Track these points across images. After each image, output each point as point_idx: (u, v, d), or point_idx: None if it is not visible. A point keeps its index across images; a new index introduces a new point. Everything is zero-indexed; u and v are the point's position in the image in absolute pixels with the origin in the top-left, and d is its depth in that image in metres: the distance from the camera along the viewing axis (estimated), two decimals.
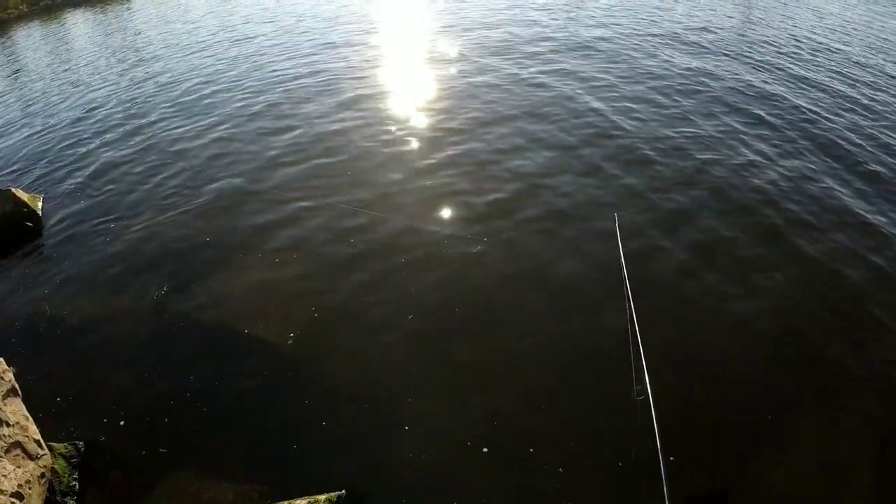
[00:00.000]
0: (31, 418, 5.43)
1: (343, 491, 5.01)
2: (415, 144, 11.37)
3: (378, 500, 5.05)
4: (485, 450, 5.31)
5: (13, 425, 5.12)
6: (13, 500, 4.62)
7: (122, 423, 6.02)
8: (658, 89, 13.10)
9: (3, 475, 4.69)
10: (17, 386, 5.50)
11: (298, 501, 4.87)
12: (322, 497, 4.91)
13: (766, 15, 19.93)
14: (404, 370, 6.20)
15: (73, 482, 5.39)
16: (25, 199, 10.13)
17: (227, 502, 5.13)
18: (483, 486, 5.05)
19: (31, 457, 5.07)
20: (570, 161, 10.12)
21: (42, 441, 5.32)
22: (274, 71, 16.83)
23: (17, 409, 5.33)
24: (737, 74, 13.97)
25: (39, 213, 10.35)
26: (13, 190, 10.07)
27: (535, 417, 5.62)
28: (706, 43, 16.54)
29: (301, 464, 5.42)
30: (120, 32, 26.22)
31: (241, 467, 5.44)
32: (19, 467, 4.88)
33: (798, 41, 16.80)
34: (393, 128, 12.13)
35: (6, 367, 5.51)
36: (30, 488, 4.84)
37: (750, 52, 15.71)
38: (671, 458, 4.48)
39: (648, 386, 4.55)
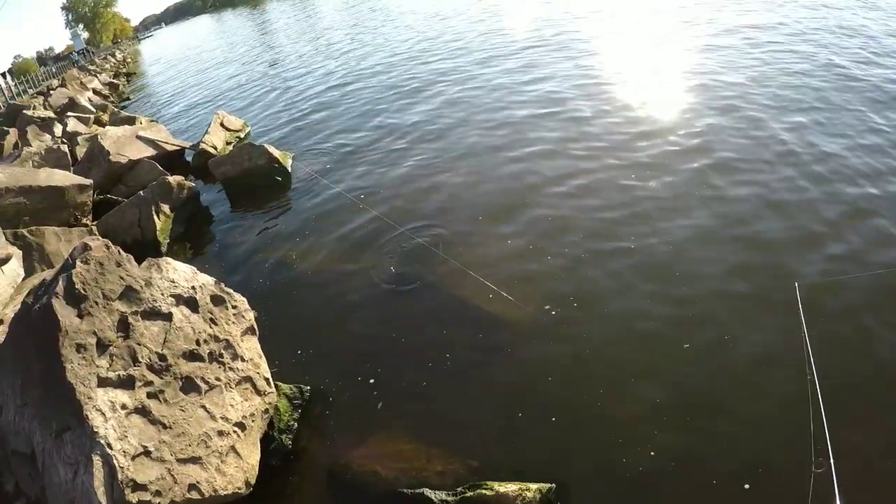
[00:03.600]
0: (263, 357, 5.70)
1: (553, 484, 4.61)
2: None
3: (586, 500, 4.57)
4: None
5: (247, 361, 5.40)
6: (236, 429, 4.85)
7: (348, 375, 6.12)
8: None
9: (231, 405, 4.95)
10: (255, 325, 5.83)
11: (510, 485, 4.55)
12: (533, 486, 4.54)
13: None
14: (643, 383, 5.44)
15: (293, 422, 5.57)
16: (278, 156, 11.06)
17: (436, 470, 4.95)
18: None
19: (259, 392, 5.31)
20: None
21: (270, 379, 5.56)
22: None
23: (252, 347, 5.64)
24: None
25: (289, 169, 11.22)
26: (267, 146, 11.03)
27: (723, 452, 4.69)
28: None
29: (516, 448, 5.06)
30: (365, 10, 27.81)
31: (456, 439, 5.22)
32: (247, 400, 5.13)
33: None
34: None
35: (248, 306, 5.87)
36: (252, 421, 5.06)
37: None
38: None
39: (832, 457, 3.98)
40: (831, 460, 3.94)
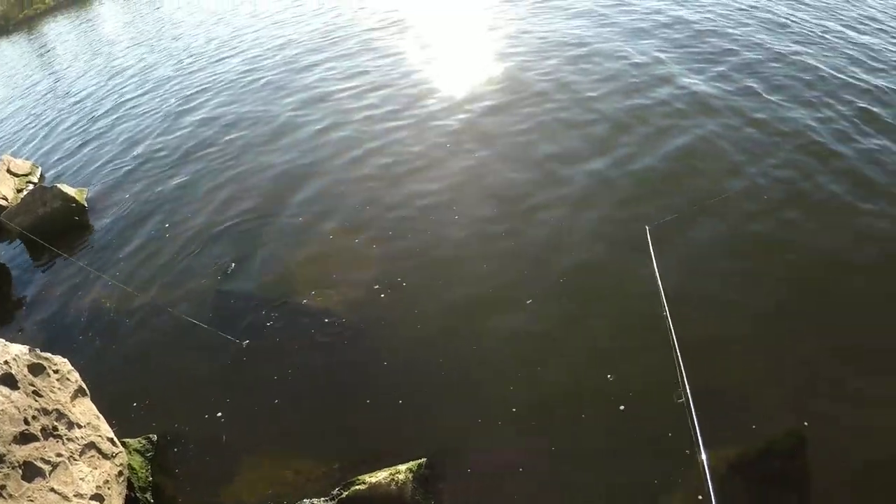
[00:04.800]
0: (101, 417, 5.41)
1: (423, 459, 4.89)
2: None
3: (458, 468, 4.89)
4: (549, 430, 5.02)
5: (84, 426, 5.10)
6: (93, 502, 4.62)
7: (193, 413, 5.96)
8: None
9: (81, 478, 4.68)
10: (84, 385, 5.48)
11: (380, 473, 4.75)
12: (403, 467, 4.78)
13: None
14: (478, 341, 5.88)
15: (151, 477, 5.39)
16: (73, 195, 10.19)
17: (309, 480, 5.06)
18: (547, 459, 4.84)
19: (107, 456, 5.06)
20: None
21: (115, 439, 5.31)
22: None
23: (86, 409, 5.31)
24: None
25: (86, 205, 10.40)
26: (60, 186, 10.12)
27: (582, 407, 5.17)
28: None
29: (379, 435, 5.28)
30: (147, 20, 26.08)
31: (317, 444, 5.34)
32: (96, 468, 4.87)
33: None
34: None
35: (70, 367, 5.49)
36: (109, 488, 4.83)
37: None
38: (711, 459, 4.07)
39: (688, 388, 4.31)
40: (688, 392, 4.27)
